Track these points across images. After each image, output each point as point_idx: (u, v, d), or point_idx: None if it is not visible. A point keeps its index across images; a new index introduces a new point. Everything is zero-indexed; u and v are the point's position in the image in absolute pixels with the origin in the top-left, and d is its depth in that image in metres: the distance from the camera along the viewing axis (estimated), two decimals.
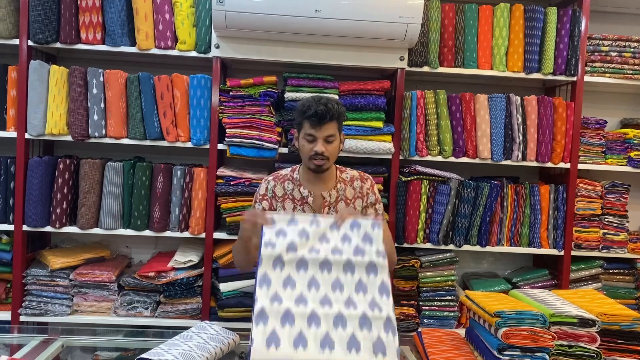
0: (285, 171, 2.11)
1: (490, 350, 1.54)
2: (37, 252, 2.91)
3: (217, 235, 2.84)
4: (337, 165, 2.13)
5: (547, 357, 1.49)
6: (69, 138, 2.77)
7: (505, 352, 1.49)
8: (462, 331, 1.86)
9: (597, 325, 1.51)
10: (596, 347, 1.51)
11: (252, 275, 2.81)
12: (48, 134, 2.73)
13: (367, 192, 2.09)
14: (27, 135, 2.73)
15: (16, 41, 2.72)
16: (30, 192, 2.70)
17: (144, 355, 1.46)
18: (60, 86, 2.72)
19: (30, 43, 2.72)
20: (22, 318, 2.75)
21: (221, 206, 2.78)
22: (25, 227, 2.74)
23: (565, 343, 1.51)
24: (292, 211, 2.00)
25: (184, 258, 2.79)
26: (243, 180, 2.76)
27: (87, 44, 2.77)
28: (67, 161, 2.75)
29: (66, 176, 2.74)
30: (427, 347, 1.71)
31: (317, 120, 1.89)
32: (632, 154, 3.03)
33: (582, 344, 1.51)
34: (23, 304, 2.75)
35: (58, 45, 2.75)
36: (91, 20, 2.74)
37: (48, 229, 2.76)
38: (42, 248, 2.99)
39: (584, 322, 1.51)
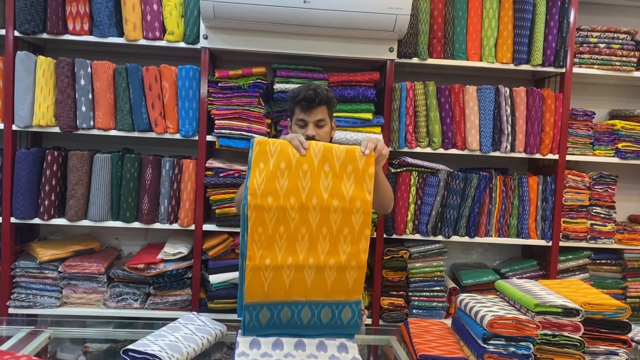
0: None
1: (475, 340, 1.56)
2: (26, 245, 2.89)
3: (207, 227, 2.83)
4: None
5: (531, 346, 1.50)
6: (56, 129, 2.75)
7: (490, 342, 1.50)
8: (449, 321, 1.87)
9: (580, 315, 1.52)
10: (580, 336, 1.52)
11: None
12: (35, 126, 2.71)
13: None
14: (14, 127, 2.71)
15: (2, 32, 2.70)
16: (17, 184, 2.69)
17: (130, 347, 1.46)
18: (47, 77, 2.70)
19: (16, 33, 2.69)
20: (10, 310, 2.74)
21: (210, 198, 2.77)
22: (13, 219, 2.73)
23: (549, 332, 1.52)
24: None
25: (173, 250, 2.79)
26: (232, 172, 2.76)
27: (74, 34, 2.74)
28: (55, 153, 2.74)
29: (54, 168, 2.73)
30: (413, 337, 1.72)
31: (306, 105, 1.95)
32: (619, 146, 3.06)
33: (566, 333, 1.53)
34: (12, 296, 2.75)
35: (45, 35, 2.73)
36: (78, 10, 2.71)
37: (36, 221, 2.75)
38: (31, 240, 2.97)
39: (568, 312, 1.52)
